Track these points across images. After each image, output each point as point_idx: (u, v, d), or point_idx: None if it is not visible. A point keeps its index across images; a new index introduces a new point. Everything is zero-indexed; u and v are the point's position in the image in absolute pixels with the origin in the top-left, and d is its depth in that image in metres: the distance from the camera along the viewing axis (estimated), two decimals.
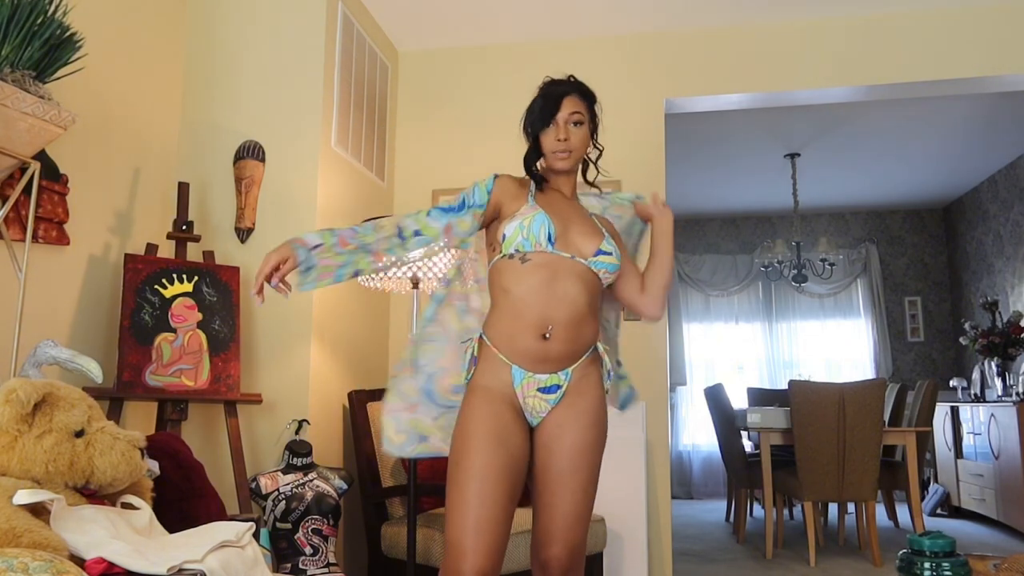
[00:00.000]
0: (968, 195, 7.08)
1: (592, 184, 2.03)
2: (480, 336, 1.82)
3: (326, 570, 2.61)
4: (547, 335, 1.74)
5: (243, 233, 3.08)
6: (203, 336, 2.71)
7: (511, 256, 1.79)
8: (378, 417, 3.21)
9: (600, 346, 1.86)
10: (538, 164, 1.94)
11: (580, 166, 1.99)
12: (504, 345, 1.77)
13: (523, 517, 2.11)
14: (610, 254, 1.83)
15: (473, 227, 1.88)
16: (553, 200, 1.89)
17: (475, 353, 1.80)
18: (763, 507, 4.88)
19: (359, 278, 2.37)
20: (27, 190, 2.19)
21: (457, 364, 1.84)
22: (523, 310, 1.75)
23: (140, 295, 2.61)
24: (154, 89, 3.04)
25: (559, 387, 1.77)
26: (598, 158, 2.03)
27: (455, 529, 1.62)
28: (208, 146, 3.16)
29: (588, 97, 1.94)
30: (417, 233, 1.86)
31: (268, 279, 1.82)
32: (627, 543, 3.31)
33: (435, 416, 1.84)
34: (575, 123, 1.87)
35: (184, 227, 2.84)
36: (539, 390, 1.76)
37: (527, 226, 1.78)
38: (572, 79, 1.95)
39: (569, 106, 1.87)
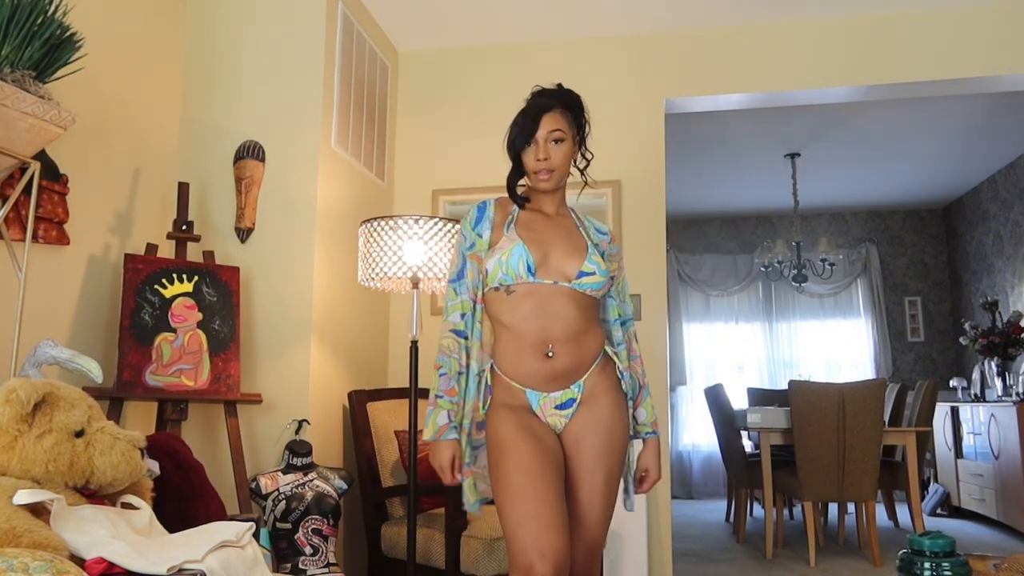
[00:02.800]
0: (968, 195, 7.08)
1: (586, 183, 2.00)
2: (492, 367, 1.86)
3: (326, 570, 2.61)
4: (550, 353, 1.78)
5: (243, 233, 3.08)
6: (203, 336, 2.71)
7: (496, 289, 1.83)
8: (378, 417, 3.22)
9: (609, 350, 1.88)
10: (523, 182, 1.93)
11: (568, 178, 1.95)
12: (514, 371, 1.81)
13: None
14: (592, 273, 1.83)
15: (476, 273, 1.89)
16: (534, 223, 1.89)
17: (489, 383, 1.84)
18: (763, 507, 4.88)
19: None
20: (27, 190, 2.19)
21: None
22: (522, 335, 1.79)
23: (140, 295, 2.61)
24: (154, 89, 3.04)
25: (574, 400, 1.81)
26: (586, 167, 1.97)
27: (514, 518, 1.64)
28: (208, 146, 3.16)
29: (572, 108, 1.88)
30: (463, 316, 1.87)
31: (454, 479, 1.82)
32: (627, 543, 3.31)
33: (469, 462, 1.86)
34: (555, 141, 1.84)
35: (184, 227, 2.84)
36: (556, 408, 1.81)
37: (505, 261, 1.80)
38: (557, 88, 1.90)
39: (549, 124, 1.83)
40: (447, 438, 1.81)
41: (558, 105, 1.86)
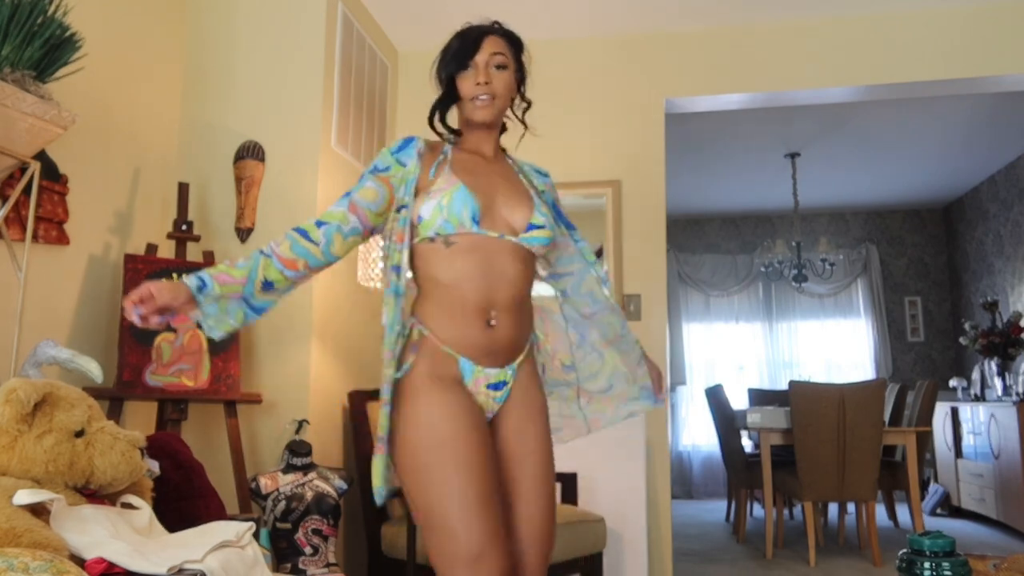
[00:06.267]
0: (968, 195, 7.08)
1: (525, 126, 1.77)
2: (416, 326, 1.58)
3: (326, 570, 2.61)
4: (492, 321, 1.55)
5: (243, 233, 3.08)
6: (203, 336, 2.71)
7: (432, 239, 1.56)
8: (377, 417, 3.21)
9: (537, 335, 1.71)
10: (442, 127, 1.70)
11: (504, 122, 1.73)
12: (448, 336, 1.55)
13: None
14: (542, 227, 1.60)
15: (379, 196, 1.60)
16: (474, 166, 1.64)
17: (414, 340, 1.56)
18: (763, 507, 4.88)
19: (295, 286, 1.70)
20: (27, 190, 2.19)
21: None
22: (461, 296, 1.54)
23: None
24: (154, 89, 3.04)
25: (506, 383, 1.60)
26: (525, 111, 1.75)
27: (455, 506, 1.42)
28: (208, 146, 3.16)
29: (514, 42, 1.69)
30: (320, 224, 1.59)
31: (135, 307, 1.47)
32: (627, 543, 3.31)
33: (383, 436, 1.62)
34: (497, 66, 1.62)
35: (184, 227, 2.84)
36: (488, 386, 1.58)
37: (446, 205, 1.53)
38: (496, 23, 1.70)
39: (491, 46, 1.63)
40: (185, 280, 1.51)
41: (499, 32, 1.68)
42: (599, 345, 1.85)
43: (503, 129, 1.76)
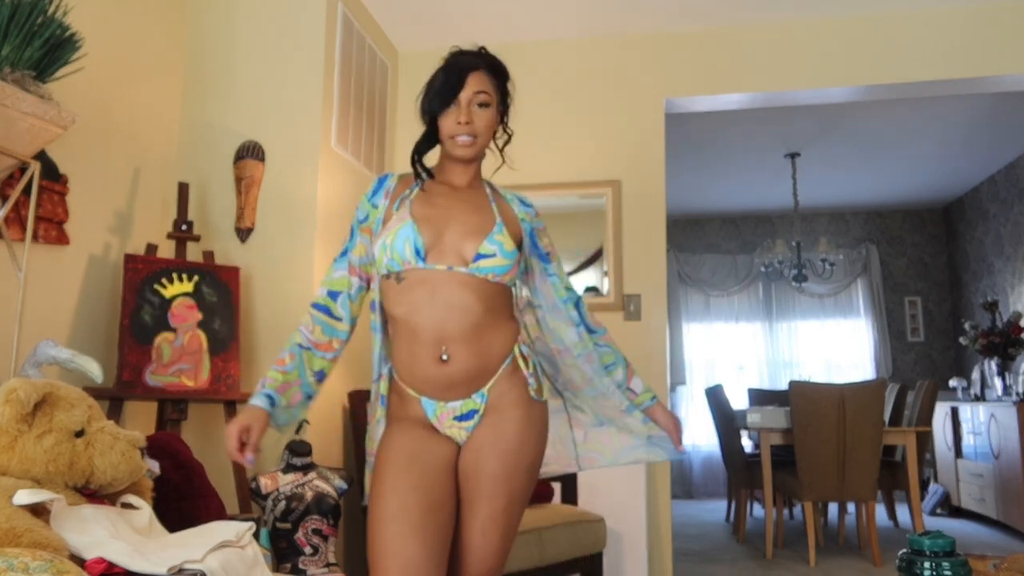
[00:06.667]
0: (968, 195, 7.08)
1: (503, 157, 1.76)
2: (389, 371, 1.66)
3: (326, 570, 2.61)
4: (444, 356, 1.54)
5: (243, 233, 3.08)
6: (203, 336, 2.71)
7: (387, 276, 1.60)
8: None
9: (519, 350, 1.63)
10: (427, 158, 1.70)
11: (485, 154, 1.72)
12: (407, 375, 1.60)
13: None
14: (492, 255, 1.56)
15: (368, 250, 1.66)
16: (435, 198, 1.64)
17: (384, 391, 1.65)
18: (763, 507, 4.88)
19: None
20: (27, 190, 2.19)
21: None
22: (412, 331, 1.56)
23: (140, 295, 2.61)
24: (154, 89, 3.04)
25: (476, 411, 1.58)
26: (505, 144, 1.74)
27: (376, 547, 1.48)
28: (208, 146, 3.15)
29: (499, 74, 1.66)
30: (333, 295, 1.68)
31: (242, 452, 1.56)
32: (627, 543, 3.31)
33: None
34: (480, 104, 1.61)
35: (184, 227, 2.84)
36: (455, 419, 1.59)
37: (390, 244, 1.56)
38: (482, 51, 1.67)
39: (475, 84, 1.60)
40: (251, 402, 1.60)
41: (484, 66, 1.64)
42: (576, 383, 1.80)
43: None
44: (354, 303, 1.70)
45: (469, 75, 1.60)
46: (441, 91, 1.60)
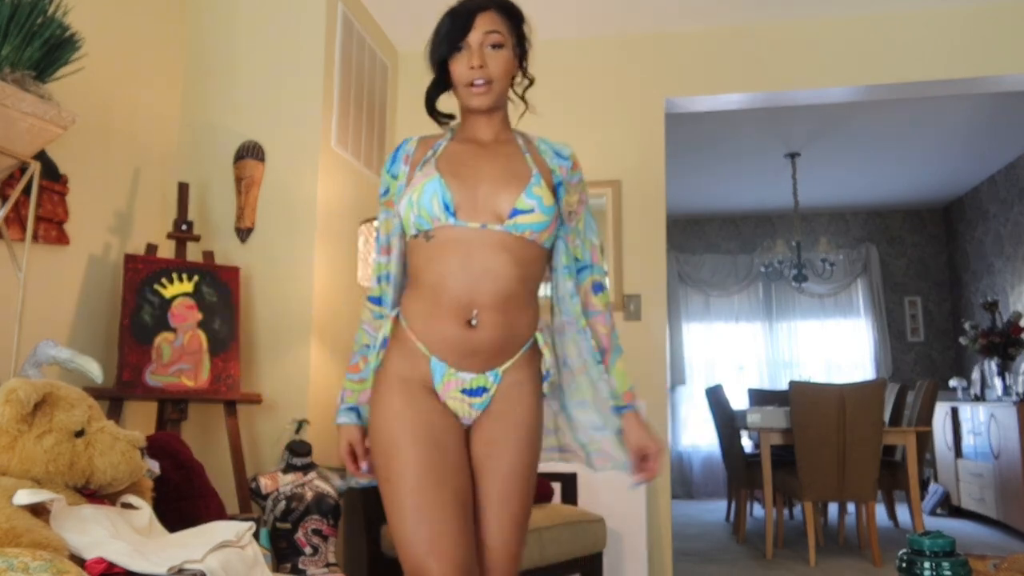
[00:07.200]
0: (968, 195, 7.08)
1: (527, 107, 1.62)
2: (396, 315, 1.51)
3: (326, 570, 2.61)
4: (473, 321, 1.42)
5: (243, 233, 3.08)
6: (203, 336, 2.71)
7: (415, 236, 1.48)
8: None
9: (541, 338, 1.52)
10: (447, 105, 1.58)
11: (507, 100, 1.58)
12: (421, 330, 1.46)
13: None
14: (531, 211, 1.43)
15: (395, 223, 1.56)
16: (462, 153, 1.53)
17: (387, 334, 1.50)
18: (763, 507, 4.88)
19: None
20: (27, 190, 2.19)
21: None
22: (440, 293, 1.43)
23: (140, 295, 2.61)
24: (154, 89, 3.04)
25: (485, 390, 1.46)
26: (526, 89, 1.61)
27: (410, 555, 1.36)
28: (208, 146, 3.16)
29: (512, 15, 1.54)
30: (384, 279, 1.57)
31: (358, 469, 1.57)
32: (627, 543, 3.31)
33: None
34: (493, 45, 1.48)
35: (184, 227, 2.84)
36: (462, 391, 1.46)
37: (416, 200, 1.44)
38: None
39: (485, 24, 1.47)
40: (339, 422, 1.56)
41: (493, 6, 1.51)
42: (576, 370, 1.61)
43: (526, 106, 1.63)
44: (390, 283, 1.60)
45: (478, 16, 1.48)
46: (449, 35, 1.48)
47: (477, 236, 1.43)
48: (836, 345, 7.57)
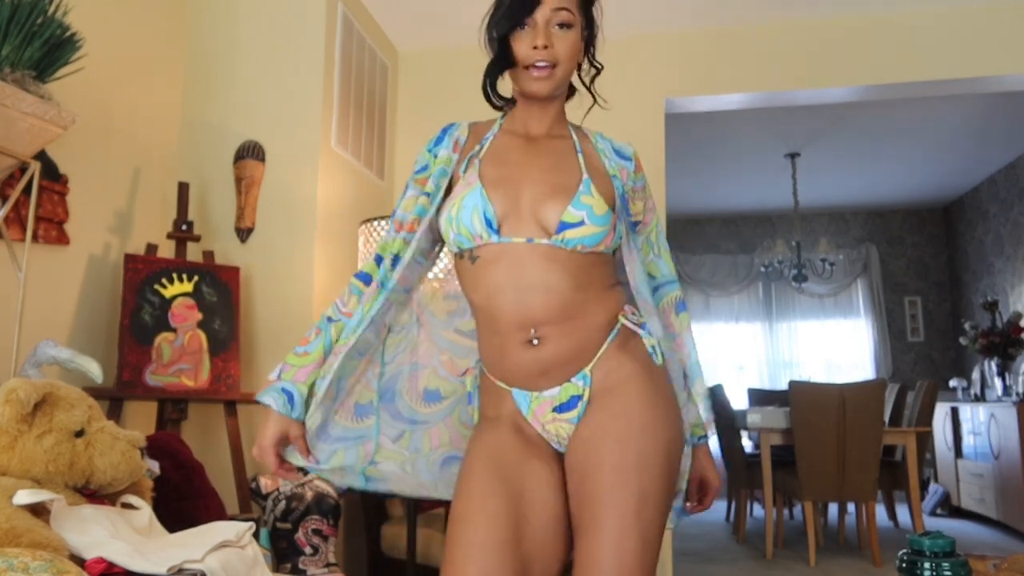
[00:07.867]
0: (968, 195, 7.08)
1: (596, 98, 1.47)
2: (478, 364, 1.40)
3: (326, 570, 2.61)
4: (534, 340, 1.27)
5: (243, 233, 3.08)
6: (203, 336, 2.71)
7: (460, 255, 1.34)
8: None
9: (627, 321, 1.33)
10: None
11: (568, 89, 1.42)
12: (495, 366, 1.33)
13: None
14: (579, 223, 1.26)
15: (422, 205, 1.39)
16: (509, 151, 1.37)
17: (471, 389, 1.40)
18: (763, 507, 4.87)
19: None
20: (27, 190, 2.19)
21: (432, 360, 1.47)
22: (495, 317, 1.29)
23: (140, 295, 2.61)
24: (154, 89, 3.04)
25: (579, 398, 1.28)
26: (594, 78, 1.48)
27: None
28: (208, 146, 3.16)
29: None
30: (380, 260, 1.41)
31: (282, 469, 1.47)
32: None
33: (395, 436, 1.43)
34: (560, 24, 1.31)
35: (184, 227, 2.84)
36: (555, 411, 1.29)
37: (455, 216, 1.29)
38: None
39: (553, 0, 1.30)
40: (264, 401, 1.41)
41: None
42: None
43: (571, 92, 1.48)
44: (391, 263, 1.41)
45: None
46: (511, 9, 1.29)
47: (523, 251, 1.27)
48: (836, 345, 7.57)
